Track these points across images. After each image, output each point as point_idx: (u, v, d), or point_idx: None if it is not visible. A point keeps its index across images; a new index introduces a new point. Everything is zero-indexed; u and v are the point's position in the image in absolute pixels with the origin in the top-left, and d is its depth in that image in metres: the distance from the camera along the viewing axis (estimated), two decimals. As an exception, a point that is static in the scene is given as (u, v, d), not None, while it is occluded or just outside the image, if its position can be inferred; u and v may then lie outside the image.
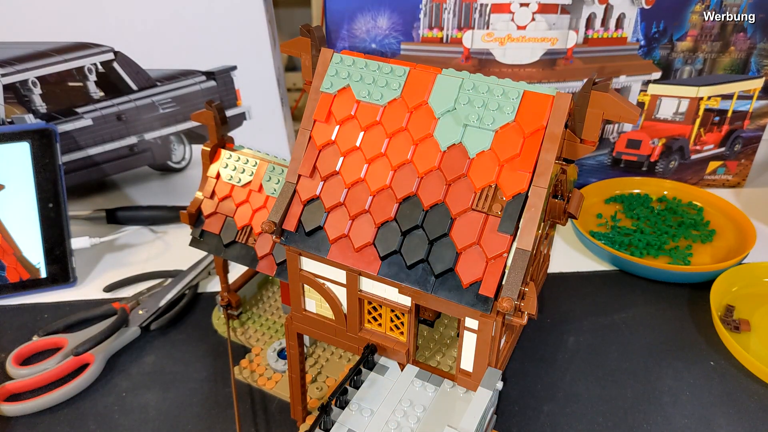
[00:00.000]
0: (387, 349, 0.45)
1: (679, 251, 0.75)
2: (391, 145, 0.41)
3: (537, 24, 0.77)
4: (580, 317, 0.66)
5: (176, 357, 0.62)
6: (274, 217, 0.43)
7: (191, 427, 0.55)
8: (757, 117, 0.85)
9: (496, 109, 0.39)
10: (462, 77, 0.41)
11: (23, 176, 0.70)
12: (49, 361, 0.60)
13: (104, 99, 0.78)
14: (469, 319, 0.41)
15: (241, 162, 0.58)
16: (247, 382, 0.59)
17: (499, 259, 0.38)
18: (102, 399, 0.58)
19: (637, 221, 0.81)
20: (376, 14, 0.76)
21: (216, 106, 0.57)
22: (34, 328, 0.66)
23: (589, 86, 0.36)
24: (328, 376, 0.59)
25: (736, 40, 0.79)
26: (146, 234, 0.82)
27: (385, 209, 0.41)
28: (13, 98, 0.77)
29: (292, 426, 0.55)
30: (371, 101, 0.42)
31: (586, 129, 0.38)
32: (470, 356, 0.42)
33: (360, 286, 0.44)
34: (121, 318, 0.64)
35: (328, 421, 0.41)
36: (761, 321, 0.65)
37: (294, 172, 0.43)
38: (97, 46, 0.75)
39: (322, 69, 0.44)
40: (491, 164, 0.39)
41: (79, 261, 0.75)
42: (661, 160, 0.88)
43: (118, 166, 0.84)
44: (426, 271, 0.39)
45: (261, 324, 0.66)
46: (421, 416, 0.41)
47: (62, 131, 0.78)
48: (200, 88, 0.79)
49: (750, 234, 0.74)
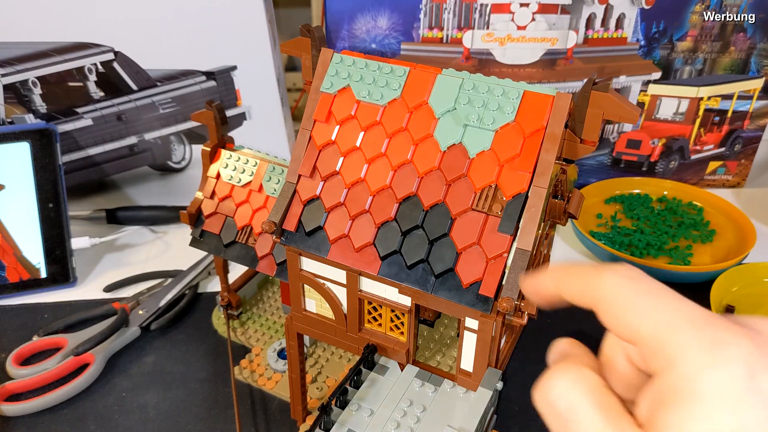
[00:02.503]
0: (387, 349, 0.45)
1: (679, 251, 0.75)
2: (391, 145, 0.41)
3: (537, 24, 0.77)
4: (581, 317, 0.66)
5: (176, 357, 0.62)
6: (274, 217, 0.43)
7: (191, 427, 0.55)
8: (757, 117, 0.85)
9: (496, 109, 0.39)
10: (462, 77, 0.41)
11: (23, 176, 0.70)
12: (49, 361, 0.60)
13: (104, 99, 0.78)
14: (469, 319, 0.41)
15: (241, 162, 0.58)
16: (247, 382, 0.59)
17: (499, 259, 0.38)
18: (102, 399, 0.58)
19: (637, 221, 0.81)
20: (376, 14, 0.76)
21: (216, 106, 0.57)
22: (34, 328, 0.66)
23: (589, 86, 0.36)
24: (328, 376, 0.59)
25: (736, 40, 0.79)
26: (146, 234, 0.82)
27: (385, 209, 0.41)
28: (13, 98, 0.77)
29: (292, 426, 0.55)
30: (371, 101, 0.42)
31: (586, 129, 0.38)
32: (470, 356, 0.42)
33: (360, 286, 0.44)
34: (121, 318, 0.64)
35: (328, 421, 0.41)
36: (761, 321, 0.65)
37: (294, 172, 0.43)
38: (97, 46, 0.75)
39: (322, 69, 0.44)
40: (491, 164, 0.39)
41: (79, 261, 0.75)
42: (661, 160, 0.88)
43: (118, 166, 0.84)
44: (426, 271, 0.39)
45: (261, 324, 0.66)
46: (421, 416, 0.41)
47: (62, 131, 0.78)
48: (200, 88, 0.79)
49: (750, 234, 0.74)
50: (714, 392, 0.21)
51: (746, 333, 0.22)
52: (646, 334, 0.24)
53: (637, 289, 0.25)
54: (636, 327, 0.24)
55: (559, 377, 0.26)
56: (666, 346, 0.23)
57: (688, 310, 0.24)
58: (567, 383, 0.26)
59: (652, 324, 0.24)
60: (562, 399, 0.25)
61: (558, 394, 0.26)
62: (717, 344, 0.22)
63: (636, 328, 0.24)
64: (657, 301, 0.24)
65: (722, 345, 0.22)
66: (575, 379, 0.26)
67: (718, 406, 0.21)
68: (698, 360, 0.22)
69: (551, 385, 0.26)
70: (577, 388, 0.25)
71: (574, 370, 0.26)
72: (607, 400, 0.25)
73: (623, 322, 0.25)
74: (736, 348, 0.21)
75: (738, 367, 0.21)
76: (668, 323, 0.23)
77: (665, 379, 0.23)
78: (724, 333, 0.22)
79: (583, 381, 0.26)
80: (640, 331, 0.24)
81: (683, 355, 0.22)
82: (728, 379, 0.21)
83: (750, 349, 0.21)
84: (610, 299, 0.26)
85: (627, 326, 0.25)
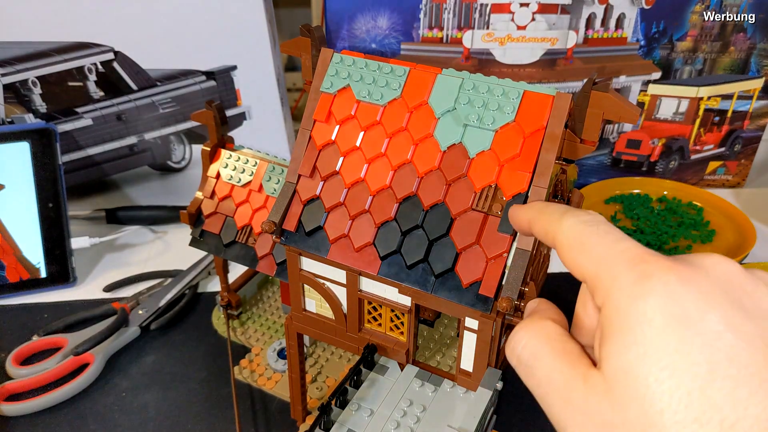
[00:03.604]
0: (387, 349, 0.45)
1: (679, 251, 0.75)
2: (391, 145, 0.41)
3: (537, 24, 0.77)
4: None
5: (176, 357, 0.62)
6: (274, 217, 0.43)
7: (191, 427, 0.55)
8: (757, 117, 0.85)
9: (496, 109, 0.39)
10: (462, 77, 0.41)
11: (23, 176, 0.70)
12: (49, 361, 0.60)
13: (104, 99, 0.78)
14: (469, 319, 0.41)
15: (241, 162, 0.58)
16: (247, 382, 0.59)
17: (499, 259, 0.38)
18: (102, 399, 0.58)
19: (637, 221, 0.81)
20: (376, 14, 0.76)
21: (216, 106, 0.57)
22: (34, 328, 0.66)
23: (589, 86, 0.36)
24: (328, 376, 0.59)
25: (736, 40, 0.79)
26: (146, 234, 0.82)
27: (385, 209, 0.41)
28: (13, 98, 0.77)
29: (292, 426, 0.55)
30: (371, 101, 0.42)
31: (586, 129, 0.38)
32: (470, 356, 0.42)
33: (360, 286, 0.44)
34: (121, 318, 0.64)
35: (328, 421, 0.41)
36: (761, 321, 0.65)
37: (294, 172, 0.43)
38: (97, 46, 0.75)
39: (322, 69, 0.44)
40: (491, 164, 0.39)
41: (79, 261, 0.75)
42: (661, 160, 0.88)
43: (118, 166, 0.84)
44: (426, 271, 0.39)
45: (261, 324, 0.66)
46: (421, 416, 0.41)
47: (62, 131, 0.78)
48: (200, 88, 0.79)
49: (750, 234, 0.74)
50: (643, 320, 0.22)
51: (674, 266, 0.23)
52: (588, 270, 0.26)
53: (589, 231, 0.27)
54: (582, 264, 0.26)
55: (522, 330, 0.28)
56: (603, 280, 0.25)
57: (625, 248, 0.25)
58: (529, 334, 0.28)
59: (594, 261, 0.26)
60: (526, 349, 0.28)
61: (523, 345, 0.28)
62: (645, 277, 0.23)
63: (581, 265, 0.27)
64: (599, 241, 0.26)
65: (649, 277, 0.23)
66: (537, 330, 0.28)
67: (646, 332, 0.22)
68: (628, 292, 0.23)
69: (517, 338, 0.28)
70: (537, 337, 0.28)
71: (536, 322, 0.28)
72: (566, 346, 0.27)
73: (574, 261, 0.27)
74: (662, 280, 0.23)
75: (661, 296, 0.23)
76: (605, 259, 0.25)
77: (603, 312, 0.24)
78: (653, 267, 0.24)
79: (544, 331, 0.28)
80: (584, 267, 0.26)
81: (617, 288, 0.24)
82: (654, 308, 0.22)
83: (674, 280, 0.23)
84: (564, 240, 0.28)
85: (576, 264, 0.27)
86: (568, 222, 0.28)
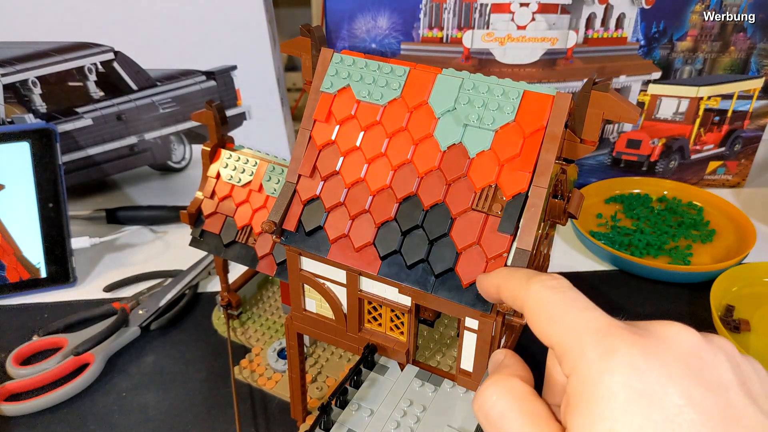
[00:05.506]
0: (387, 349, 0.45)
1: (679, 251, 0.75)
2: (391, 145, 0.41)
3: (537, 24, 0.77)
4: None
5: (176, 357, 0.62)
6: (274, 217, 0.43)
7: (191, 427, 0.55)
8: (757, 117, 0.85)
9: (496, 109, 0.39)
10: (462, 77, 0.41)
11: (23, 176, 0.70)
12: (49, 361, 0.60)
13: (104, 99, 0.78)
14: (469, 319, 0.41)
15: (241, 162, 0.58)
16: (247, 382, 0.59)
17: (499, 259, 0.38)
18: (102, 399, 0.58)
19: (637, 221, 0.81)
20: (376, 14, 0.76)
21: (216, 106, 0.57)
22: (34, 328, 0.66)
23: (589, 86, 0.36)
24: (328, 376, 0.59)
25: (736, 40, 0.79)
26: (146, 234, 0.82)
27: (385, 209, 0.41)
28: (13, 98, 0.77)
29: (292, 426, 0.55)
30: (371, 101, 0.42)
31: (586, 129, 0.38)
32: (470, 356, 0.42)
33: (360, 286, 0.44)
34: (121, 318, 0.64)
35: (328, 421, 0.41)
36: (761, 321, 0.65)
37: (294, 172, 0.43)
38: (97, 46, 0.75)
39: (322, 69, 0.44)
40: (491, 164, 0.39)
41: (79, 261, 0.75)
42: (661, 160, 0.88)
43: (118, 166, 0.84)
44: (426, 271, 0.39)
45: (261, 324, 0.66)
46: (421, 416, 0.41)
47: (62, 131, 0.78)
48: (200, 88, 0.79)
49: (750, 234, 0.74)
50: (609, 395, 0.23)
51: (638, 340, 0.24)
52: (555, 339, 0.27)
53: (554, 298, 0.28)
54: (549, 333, 0.27)
55: (491, 387, 0.28)
56: (571, 351, 0.26)
57: (591, 318, 0.26)
58: (498, 392, 0.28)
59: (561, 330, 0.27)
60: (494, 408, 0.28)
61: (491, 404, 0.28)
62: (611, 351, 0.24)
63: (549, 334, 0.27)
64: (566, 309, 0.27)
65: (615, 352, 0.24)
66: (506, 389, 0.28)
67: (612, 407, 0.23)
68: (595, 366, 0.24)
69: (485, 396, 0.28)
70: (506, 397, 0.28)
71: (504, 381, 0.29)
72: (534, 407, 0.27)
73: (541, 329, 0.28)
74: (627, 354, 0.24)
75: (626, 372, 0.24)
76: (572, 330, 0.26)
77: (571, 382, 0.25)
78: (618, 341, 0.24)
79: (512, 390, 0.28)
80: (552, 336, 0.27)
81: (585, 361, 0.25)
82: (620, 382, 0.23)
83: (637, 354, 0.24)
84: (532, 307, 0.29)
85: (543, 332, 0.28)
86: (534, 288, 0.29)
